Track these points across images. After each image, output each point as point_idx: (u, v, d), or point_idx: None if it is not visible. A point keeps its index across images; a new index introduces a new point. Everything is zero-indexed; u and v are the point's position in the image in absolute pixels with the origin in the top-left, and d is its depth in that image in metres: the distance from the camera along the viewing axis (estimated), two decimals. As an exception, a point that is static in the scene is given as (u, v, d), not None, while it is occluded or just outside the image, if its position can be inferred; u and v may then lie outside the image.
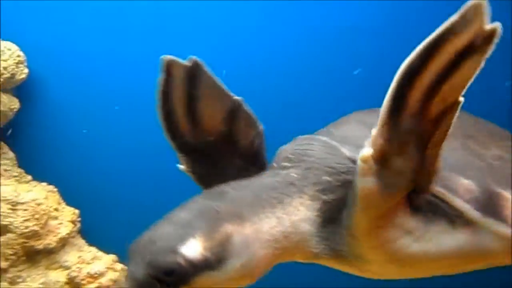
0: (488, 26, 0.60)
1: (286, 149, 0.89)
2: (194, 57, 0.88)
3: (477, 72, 0.63)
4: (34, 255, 1.95)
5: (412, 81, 0.63)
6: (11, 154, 2.09)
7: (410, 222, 0.74)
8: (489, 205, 0.75)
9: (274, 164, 0.88)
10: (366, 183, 0.70)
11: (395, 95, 0.64)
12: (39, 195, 1.98)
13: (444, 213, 0.75)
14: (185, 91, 0.88)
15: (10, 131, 2.08)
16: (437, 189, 0.74)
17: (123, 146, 2.12)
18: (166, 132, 0.91)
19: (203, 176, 0.93)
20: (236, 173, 0.91)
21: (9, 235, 1.88)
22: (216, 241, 0.70)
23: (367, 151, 0.68)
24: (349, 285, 1.86)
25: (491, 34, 0.60)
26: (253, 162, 0.94)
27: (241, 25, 2.01)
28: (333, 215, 0.77)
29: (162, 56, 0.87)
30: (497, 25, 0.60)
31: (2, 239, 1.87)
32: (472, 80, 0.64)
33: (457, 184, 0.76)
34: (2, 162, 2.04)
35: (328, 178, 0.79)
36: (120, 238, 2.29)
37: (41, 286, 1.91)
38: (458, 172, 0.77)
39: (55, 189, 2.09)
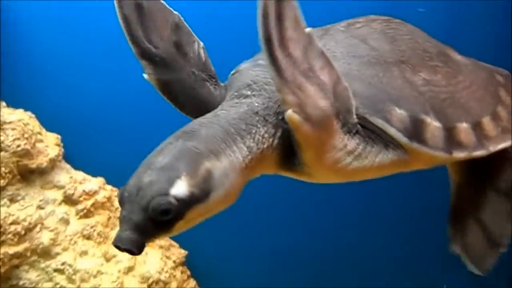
0: None
1: (246, 74, 0.97)
2: None
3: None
4: (28, 174, 1.89)
5: (272, 45, 0.75)
6: (-20, 81, 1.98)
7: (350, 145, 0.88)
8: (415, 130, 0.91)
9: (235, 92, 0.96)
10: (302, 133, 0.82)
11: (272, 60, 0.76)
12: (23, 116, 1.93)
13: (380, 137, 0.91)
14: (137, 5, 0.97)
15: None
16: (376, 119, 0.89)
17: (98, 66, 2.08)
18: (127, 36, 0.98)
19: (164, 84, 1.02)
20: (192, 82, 1.02)
21: (2, 153, 1.80)
22: (199, 178, 0.79)
23: (290, 113, 0.79)
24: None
25: None
26: (203, 72, 1.04)
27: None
28: (291, 141, 0.88)
29: None
30: None
31: (-5, 158, 1.78)
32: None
33: (392, 114, 0.90)
34: (-28, 88, 1.92)
35: None
36: (103, 162, 2.31)
37: (41, 203, 1.86)
38: (393, 102, 0.91)
39: (33, 115, 2.03)
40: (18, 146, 1.83)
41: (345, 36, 1.02)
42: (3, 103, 2.01)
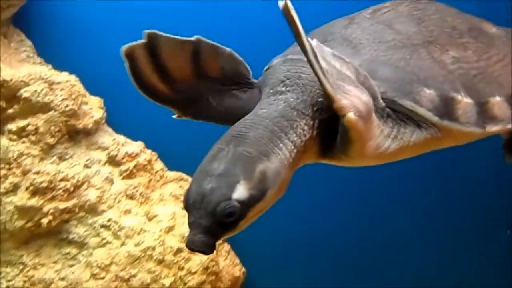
0: (281, 4, 0.79)
1: (279, 70, 1.02)
2: (147, 31, 1.02)
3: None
4: (75, 135, 1.95)
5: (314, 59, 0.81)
6: (28, 42, 2.02)
7: (385, 129, 0.93)
8: (446, 109, 0.95)
9: (270, 90, 1.00)
10: (357, 130, 0.86)
11: (321, 76, 0.81)
12: (70, 77, 1.98)
13: (412, 119, 0.95)
14: (151, 62, 1.02)
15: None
16: (405, 101, 0.93)
17: (139, 33, 2.12)
18: (150, 99, 1.05)
19: (194, 116, 1.08)
20: (221, 98, 1.08)
21: (52, 112, 1.86)
22: (255, 180, 0.86)
23: (350, 116, 0.83)
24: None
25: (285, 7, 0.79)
26: (233, 82, 1.08)
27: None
28: (328, 131, 0.94)
29: (121, 48, 0.99)
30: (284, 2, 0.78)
31: (45, 117, 1.84)
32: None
33: (421, 95, 0.94)
34: (22, 49, 1.97)
35: (321, 100, 0.94)
36: (141, 128, 2.35)
37: (87, 162, 1.92)
38: (422, 83, 0.94)
39: (78, 79, 2.08)
40: (66, 106, 1.89)
41: (371, 23, 1.05)
42: (50, 65, 2.06)
